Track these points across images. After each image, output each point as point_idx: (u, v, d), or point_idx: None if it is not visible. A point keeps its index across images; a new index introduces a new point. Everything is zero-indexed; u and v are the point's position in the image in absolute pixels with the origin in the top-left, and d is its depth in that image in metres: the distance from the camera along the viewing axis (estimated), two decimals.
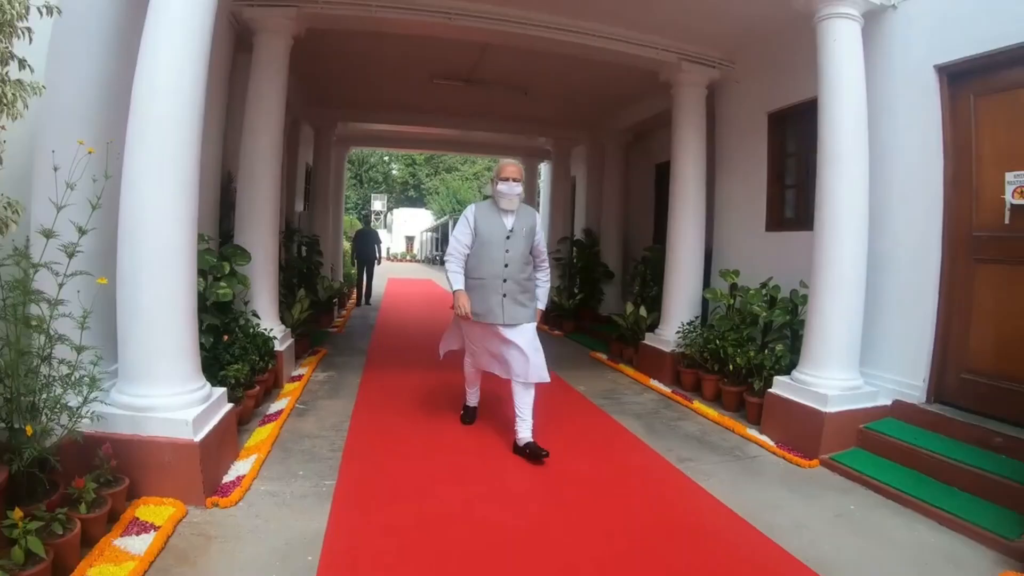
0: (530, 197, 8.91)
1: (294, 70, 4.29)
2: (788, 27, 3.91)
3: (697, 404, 3.91)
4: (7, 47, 1.69)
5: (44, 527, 1.71)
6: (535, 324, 2.94)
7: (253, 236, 3.76)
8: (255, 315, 3.50)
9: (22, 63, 1.81)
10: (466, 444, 3.02)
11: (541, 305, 3.03)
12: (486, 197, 3.09)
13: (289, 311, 4.56)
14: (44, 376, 1.83)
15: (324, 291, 6.62)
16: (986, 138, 3.11)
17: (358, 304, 9.34)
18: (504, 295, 2.83)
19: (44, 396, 1.81)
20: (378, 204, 33.98)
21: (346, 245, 10.67)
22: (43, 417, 1.83)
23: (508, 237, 2.88)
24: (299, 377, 4.11)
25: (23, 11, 1.76)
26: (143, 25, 2.26)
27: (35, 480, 1.86)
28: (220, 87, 3.87)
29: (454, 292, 2.88)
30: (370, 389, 4.02)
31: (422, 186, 37.31)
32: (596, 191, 7.72)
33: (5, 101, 1.63)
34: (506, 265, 2.86)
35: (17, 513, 1.65)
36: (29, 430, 1.73)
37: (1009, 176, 2.97)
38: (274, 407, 3.36)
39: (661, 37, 4.41)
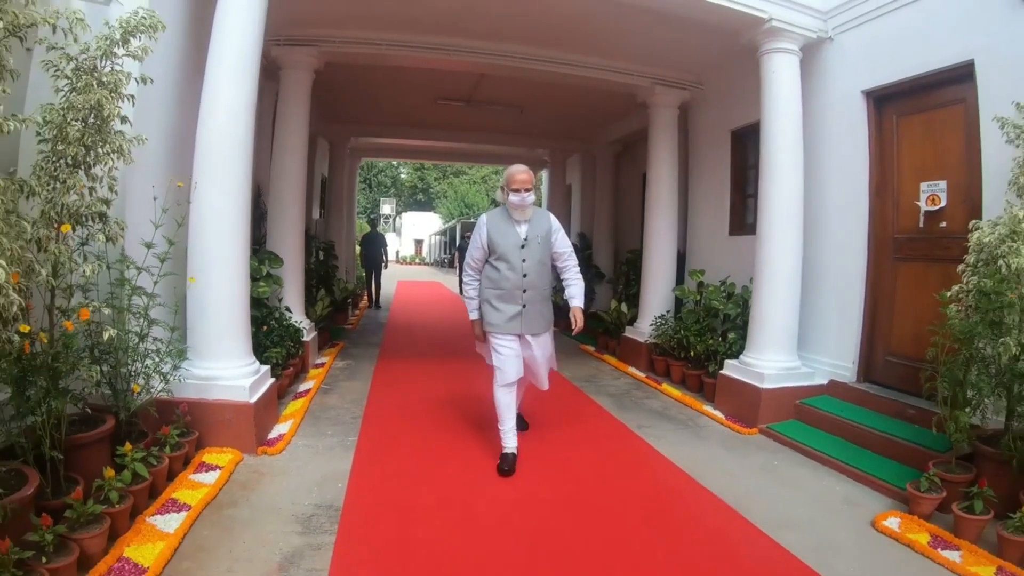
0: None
1: (312, 92, 4.90)
2: (745, 56, 4.45)
3: (665, 386, 4.47)
4: (120, 109, 2.32)
5: (142, 459, 2.34)
6: (551, 332, 2.97)
7: (283, 243, 4.41)
8: (288, 310, 4.15)
9: (123, 119, 2.45)
10: (463, 414, 3.60)
11: (578, 303, 2.92)
12: (494, 203, 3.25)
13: (312, 307, 5.21)
14: (143, 349, 2.46)
15: (340, 292, 7.25)
16: (905, 153, 3.65)
17: (370, 306, 9.95)
18: (524, 305, 2.79)
19: (145, 364, 2.44)
20: (387, 208, 34.68)
21: (356, 249, 11.21)
22: (141, 379, 2.46)
23: (523, 246, 2.82)
24: (322, 364, 4.75)
25: (126, 81, 2.39)
26: (200, 82, 2.91)
27: (131, 427, 2.50)
28: None
29: (472, 322, 2.91)
30: (383, 374, 4.65)
31: (430, 190, 38.04)
32: (589, 198, 8.30)
33: (121, 151, 2.26)
34: (525, 275, 2.80)
35: (127, 447, 2.28)
36: (136, 388, 2.37)
37: (923, 186, 3.51)
38: (303, 386, 4.01)
39: (637, 65, 4.98)
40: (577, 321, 2.88)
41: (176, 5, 3.01)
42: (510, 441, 2.84)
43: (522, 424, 3.26)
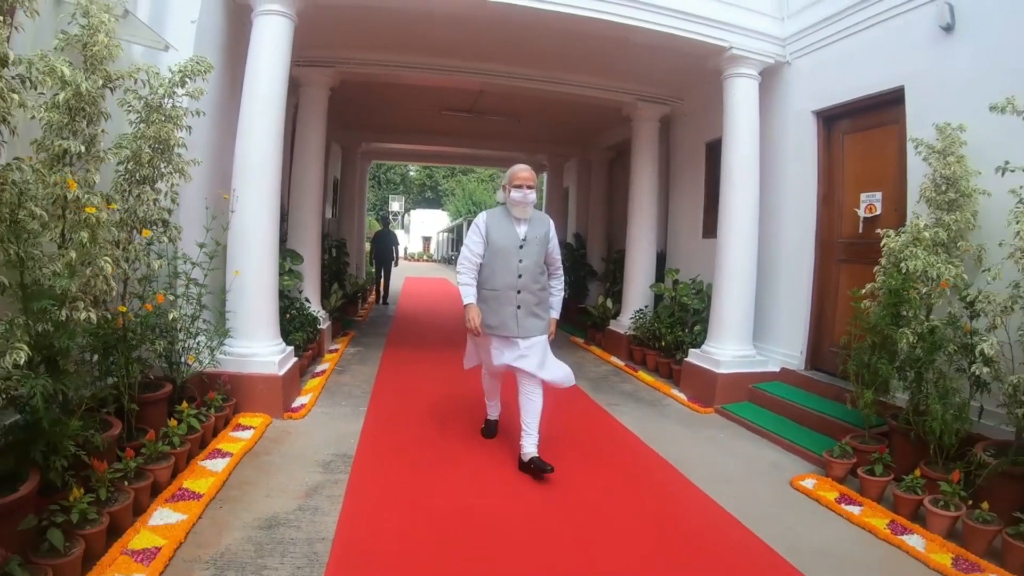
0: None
1: (327, 104, 5.42)
2: (717, 75, 4.94)
3: (641, 373, 5.00)
4: (181, 139, 2.88)
5: (195, 415, 2.91)
6: (547, 336, 2.86)
7: (302, 242, 4.99)
8: (307, 301, 4.75)
9: (181, 145, 3.02)
10: (459, 393, 4.08)
11: (555, 314, 2.94)
12: (499, 203, 2.96)
13: (327, 300, 5.80)
14: (196, 329, 3.03)
15: (351, 287, 7.85)
16: (849, 167, 4.13)
17: (377, 302, 10.24)
18: (519, 307, 2.74)
19: (197, 340, 3.02)
20: (396, 205, 35.16)
21: (365, 246, 11.66)
22: (193, 353, 3.04)
23: (521, 246, 2.78)
24: (335, 350, 5.34)
25: (184, 115, 2.96)
26: (233, 105, 3.48)
27: (183, 392, 3.08)
28: None
29: (465, 306, 2.78)
30: (390, 360, 5.23)
31: (439, 188, 38.58)
32: (585, 201, 8.81)
33: (183, 171, 2.83)
34: (520, 276, 2.75)
35: (184, 405, 2.86)
36: (192, 358, 2.95)
37: (863, 196, 3.99)
38: (320, 367, 4.61)
39: (620, 82, 5.49)
40: (549, 331, 2.91)
41: (215, 45, 3.57)
42: (492, 412, 3.25)
43: (541, 471, 2.72)
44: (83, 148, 2.17)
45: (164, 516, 2.26)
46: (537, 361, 2.77)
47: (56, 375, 1.96)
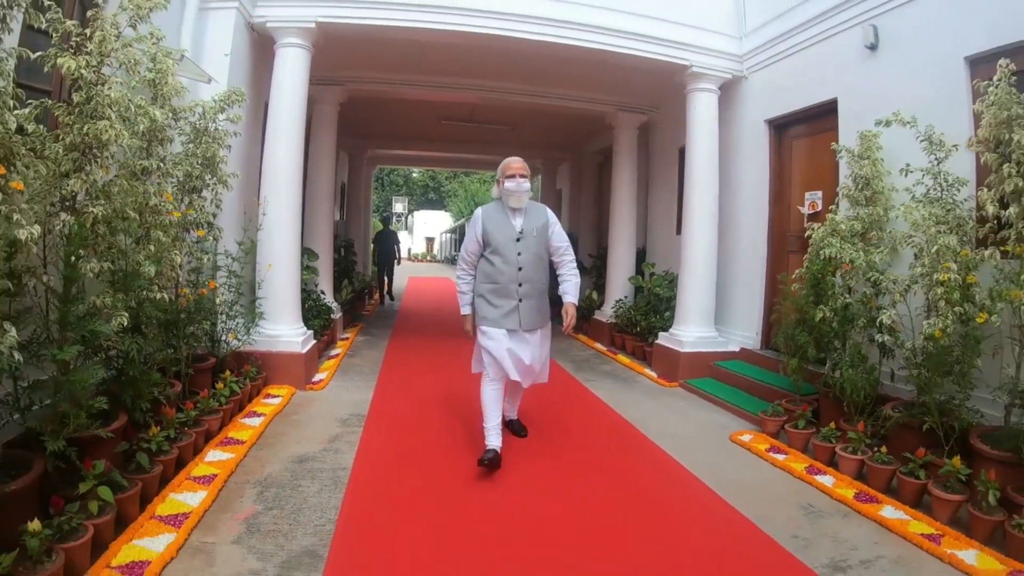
0: None
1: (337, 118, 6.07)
2: (683, 89, 5.50)
3: (620, 356, 5.58)
4: (226, 154, 3.50)
5: (235, 383, 3.52)
6: (550, 327, 2.95)
7: (317, 241, 5.62)
8: (322, 293, 5.37)
9: (222, 159, 3.64)
10: (457, 372, 4.66)
11: (572, 299, 2.87)
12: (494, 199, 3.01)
13: (339, 293, 6.43)
14: (235, 313, 3.65)
15: (358, 283, 8.47)
16: (797, 169, 4.69)
17: (381, 302, 10.34)
18: (520, 300, 2.76)
19: (236, 322, 3.64)
20: (399, 206, 35.70)
21: (370, 247, 12.11)
22: (235, 332, 3.66)
23: (518, 239, 2.77)
24: (346, 339, 5.97)
25: (226, 136, 3.57)
26: (257, 122, 4.11)
27: (223, 366, 3.70)
28: None
29: (462, 316, 2.91)
30: (396, 346, 5.85)
31: (441, 189, 39.19)
32: (576, 201, 9.40)
33: (226, 183, 3.45)
34: (520, 268, 2.76)
35: (227, 374, 3.48)
36: (233, 336, 3.57)
37: (807, 195, 4.55)
38: (333, 352, 5.24)
39: (601, 94, 6.07)
40: (568, 317, 2.87)
41: (244, 72, 4.18)
42: (493, 440, 2.77)
43: (518, 433, 3.17)
44: (158, 166, 2.79)
45: (216, 455, 2.86)
46: (543, 358, 2.91)
47: (143, 339, 2.57)
